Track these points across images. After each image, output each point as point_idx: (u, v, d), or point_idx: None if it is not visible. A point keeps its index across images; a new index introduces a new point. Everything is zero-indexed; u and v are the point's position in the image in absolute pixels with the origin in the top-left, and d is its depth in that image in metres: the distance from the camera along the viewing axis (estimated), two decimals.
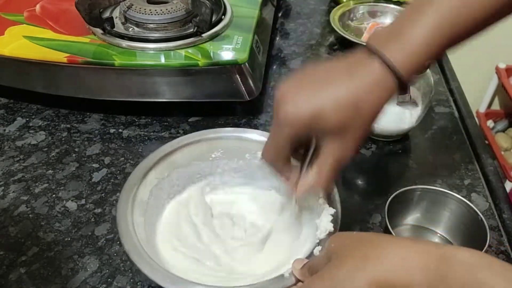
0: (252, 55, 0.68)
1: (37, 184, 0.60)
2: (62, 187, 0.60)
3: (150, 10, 0.69)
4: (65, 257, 0.52)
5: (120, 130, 0.69)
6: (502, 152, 1.69)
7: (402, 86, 0.38)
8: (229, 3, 0.76)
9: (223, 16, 0.73)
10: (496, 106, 1.87)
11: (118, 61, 0.64)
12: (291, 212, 0.49)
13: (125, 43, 0.67)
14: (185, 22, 0.71)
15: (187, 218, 0.53)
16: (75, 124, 0.70)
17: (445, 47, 0.39)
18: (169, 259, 0.48)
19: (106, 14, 0.71)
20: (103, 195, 0.59)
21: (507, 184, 1.59)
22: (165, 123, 0.70)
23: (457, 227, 0.52)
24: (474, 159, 0.65)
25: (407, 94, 0.61)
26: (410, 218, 0.55)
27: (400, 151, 0.67)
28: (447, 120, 0.72)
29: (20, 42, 0.68)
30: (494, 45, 1.65)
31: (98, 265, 0.51)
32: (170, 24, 0.69)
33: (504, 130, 1.82)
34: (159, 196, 0.52)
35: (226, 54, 0.66)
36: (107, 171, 0.62)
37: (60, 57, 0.65)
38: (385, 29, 0.40)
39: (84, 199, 0.58)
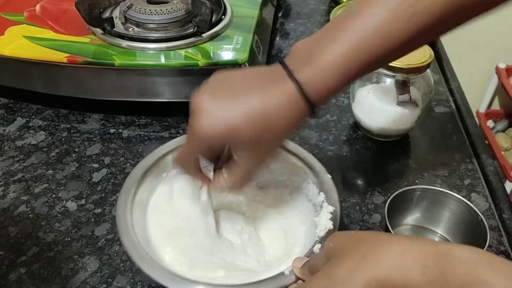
0: (252, 55, 0.68)
1: (37, 184, 0.60)
2: (62, 187, 0.60)
3: (150, 10, 0.69)
4: (65, 257, 0.52)
5: (120, 130, 0.69)
6: (502, 152, 1.69)
7: (313, 109, 0.39)
8: (229, 3, 0.76)
9: (223, 16, 0.73)
10: (496, 106, 1.88)
11: (118, 61, 0.64)
12: (202, 207, 0.51)
13: (125, 43, 0.67)
14: (185, 22, 0.71)
15: (185, 216, 0.53)
16: (75, 124, 0.70)
17: (360, 72, 0.38)
18: (167, 257, 0.47)
19: (106, 14, 0.71)
20: (103, 195, 0.59)
21: (507, 184, 1.59)
22: (165, 123, 0.70)
23: (457, 227, 0.52)
24: (474, 159, 0.65)
25: (407, 94, 0.62)
26: (410, 218, 0.55)
27: (400, 151, 0.67)
28: (447, 120, 0.72)
29: (20, 42, 0.68)
30: (494, 45, 1.66)
31: (98, 265, 0.51)
32: (170, 24, 0.69)
33: (504, 130, 1.82)
34: (158, 195, 0.52)
35: (226, 54, 0.66)
36: (107, 171, 0.62)
37: (60, 57, 0.65)
38: (304, 46, 0.39)
39: (84, 199, 0.58)
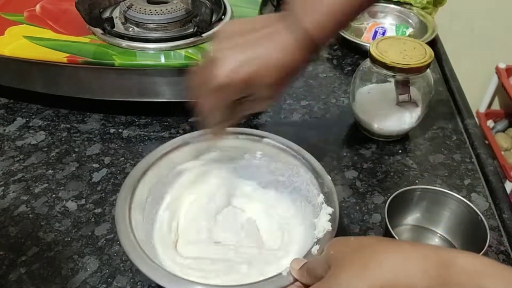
0: None
1: (37, 184, 0.60)
2: (62, 187, 0.60)
3: (150, 10, 0.69)
4: (65, 257, 0.52)
5: (120, 130, 0.69)
6: (502, 152, 1.69)
7: (314, 52, 0.44)
8: (229, 3, 0.76)
9: (223, 16, 0.73)
10: (496, 106, 1.87)
11: (118, 61, 0.64)
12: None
13: (125, 43, 0.67)
14: (185, 22, 0.71)
15: (185, 216, 0.53)
16: (75, 124, 0.70)
17: (353, 13, 0.45)
18: (167, 257, 0.48)
19: (106, 14, 0.71)
20: (103, 195, 0.59)
21: (507, 184, 1.59)
22: (165, 123, 0.70)
23: (457, 227, 0.52)
24: (474, 159, 0.65)
25: (407, 94, 0.62)
26: (410, 218, 0.55)
27: (400, 151, 0.67)
28: (447, 120, 0.72)
29: (20, 42, 0.68)
30: (494, 45, 1.66)
31: (98, 265, 0.51)
32: (170, 24, 0.70)
33: (504, 130, 1.82)
34: (158, 194, 0.52)
35: None
36: (107, 171, 0.62)
37: (60, 57, 0.65)
38: None
39: (84, 199, 0.58)
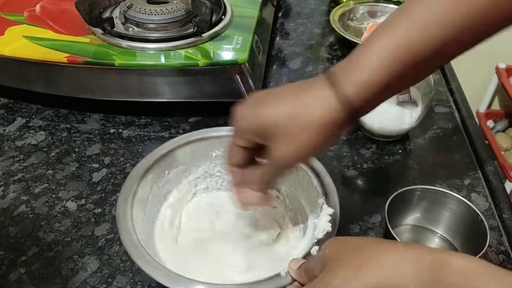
0: (252, 55, 0.68)
1: (37, 184, 0.60)
2: (62, 187, 0.60)
3: (150, 10, 0.69)
4: (65, 257, 0.52)
5: (120, 130, 0.69)
6: (502, 152, 1.69)
7: (352, 115, 0.38)
8: (229, 3, 0.76)
9: (223, 16, 0.73)
10: (496, 106, 1.87)
11: (118, 61, 0.64)
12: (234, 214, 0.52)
13: (125, 43, 0.67)
14: (185, 22, 0.71)
15: (182, 218, 0.53)
16: (75, 124, 0.70)
17: (401, 77, 0.37)
18: (167, 256, 0.48)
19: (106, 14, 0.71)
20: (103, 195, 0.59)
21: (507, 184, 1.59)
22: (165, 123, 0.70)
23: (457, 227, 0.52)
24: (474, 159, 0.65)
25: (407, 94, 0.62)
26: (410, 218, 0.55)
27: (400, 151, 0.67)
28: (447, 120, 0.72)
29: (20, 42, 0.68)
30: (494, 45, 1.64)
31: (98, 265, 0.51)
32: (170, 24, 0.69)
33: (504, 130, 1.82)
34: (159, 193, 0.52)
35: (226, 54, 0.66)
36: (107, 171, 0.62)
37: (60, 57, 0.65)
38: (347, 59, 0.39)
39: (84, 199, 0.58)
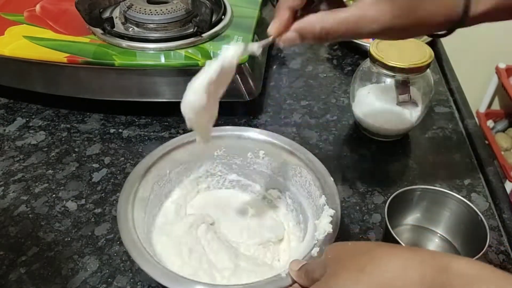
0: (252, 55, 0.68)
1: (37, 184, 0.60)
2: (62, 187, 0.60)
3: (150, 10, 0.69)
4: (65, 257, 0.52)
5: (120, 130, 0.69)
6: (502, 152, 1.69)
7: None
8: (229, 3, 0.76)
9: (223, 16, 0.73)
10: (496, 106, 1.87)
11: (118, 61, 0.64)
12: None
13: (125, 43, 0.67)
14: (185, 22, 0.71)
15: (186, 216, 0.53)
16: (75, 124, 0.70)
17: None
18: (167, 256, 0.48)
19: (106, 14, 0.71)
20: (103, 195, 0.59)
21: (507, 184, 1.58)
22: (165, 123, 0.70)
23: (457, 227, 0.52)
24: (474, 159, 0.65)
25: (407, 94, 0.62)
26: (410, 218, 0.55)
27: (400, 151, 0.67)
28: (447, 120, 0.72)
29: (20, 42, 0.68)
30: (494, 45, 1.65)
31: (98, 265, 0.51)
32: (170, 24, 0.69)
33: (504, 130, 1.82)
34: (160, 193, 0.52)
35: None
36: (107, 171, 0.62)
37: (60, 57, 0.65)
38: None
39: (84, 199, 0.58)
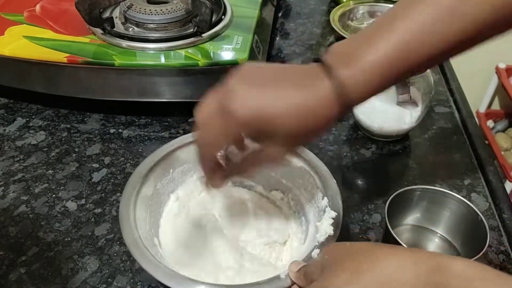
0: (252, 55, 0.68)
1: (37, 184, 0.60)
2: (62, 187, 0.60)
3: (150, 10, 0.69)
4: (65, 257, 0.52)
5: (120, 130, 0.69)
6: (502, 152, 1.69)
7: (346, 109, 0.37)
8: (229, 3, 0.76)
9: (223, 16, 0.73)
10: (496, 106, 1.87)
11: (118, 61, 0.64)
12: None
13: (125, 43, 0.67)
14: (185, 22, 0.71)
15: (189, 215, 0.53)
16: (75, 124, 0.70)
17: (400, 75, 0.37)
18: (171, 256, 0.48)
19: (106, 14, 0.71)
20: (103, 195, 0.59)
21: (507, 184, 1.59)
22: (165, 123, 0.70)
23: (457, 227, 0.52)
24: (474, 159, 0.65)
25: (407, 94, 0.62)
26: (410, 218, 0.55)
27: (400, 151, 0.67)
28: (447, 120, 0.72)
29: (20, 42, 0.68)
30: (494, 45, 1.64)
31: (98, 265, 0.51)
32: (170, 24, 0.69)
33: (504, 130, 1.82)
34: (163, 192, 0.52)
35: (226, 54, 0.66)
36: (107, 171, 0.62)
37: (60, 57, 0.65)
38: (342, 47, 0.38)
39: (84, 199, 0.58)
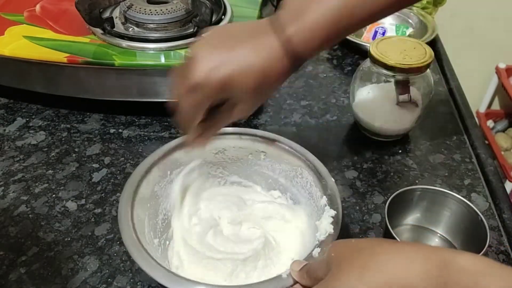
0: None
1: (37, 184, 0.60)
2: (62, 187, 0.60)
3: (150, 10, 0.69)
4: (65, 257, 0.52)
5: (120, 130, 0.69)
6: (502, 152, 1.69)
7: (299, 62, 0.42)
8: (229, 3, 0.76)
9: (223, 16, 0.73)
10: (496, 106, 1.87)
11: (118, 61, 0.64)
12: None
13: (125, 43, 0.67)
14: (185, 22, 0.71)
15: (189, 217, 0.53)
16: (75, 124, 0.70)
17: (341, 32, 0.42)
18: (171, 257, 0.48)
19: (106, 14, 0.71)
20: (103, 195, 0.59)
21: (507, 184, 1.59)
22: (165, 123, 0.70)
23: (457, 227, 0.52)
24: (474, 159, 0.65)
25: (407, 94, 0.62)
26: (410, 218, 0.55)
27: (400, 151, 0.67)
28: (447, 120, 0.72)
29: (20, 42, 0.68)
30: (494, 45, 1.66)
31: (98, 265, 0.51)
32: (170, 24, 0.69)
33: (504, 130, 1.82)
34: (161, 193, 0.52)
35: None
36: (107, 171, 0.62)
37: (60, 57, 0.65)
38: (295, 3, 0.42)
39: (84, 199, 0.58)
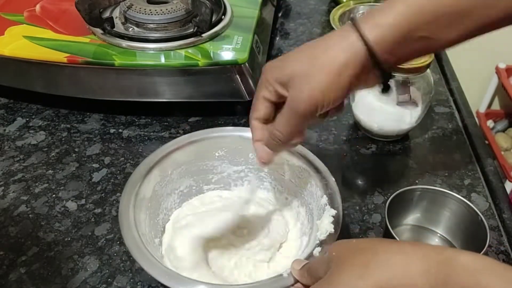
0: (252, 55, 0.68)
1: (37, 184, 0.60)
2: (62, 187, 0.60)
3: (150, 10, 0.69)
4: (65, 257, 0.52)
5: (120, 130, 0.69)
6: (502, 152, 1.69)
7: (371, 60, 0.39)
8: (229, 3, 0.76)
9: (223, 16, 0.73)
10: (496, 106, 1.87)
11: (118, 61, 0.64)
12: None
13: (125, 43, 0.67)
14: (185, 22, 0.71)
15: (189, 217, 0.53)
16: (75, 124, 0.70)
17: (414, 33, 0.40)
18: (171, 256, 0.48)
19: (106, 14, 0.71)
20: (103, 195, 0.59)
21: (507, 184, 1.59)
22: (165, 123, 0.70)
23: (457, 227, 0.52)
24: (474, 159, 0.65)
25: (407, 94, 0.62)
26: (410, 218, 0.55)
27: (400, 151, 0.67)
28: (447, 120, 0.72)
29: (20, 42, 0.68)
30: (494, 45, 1.65)
31: (98, 265, 0.51)
32: (170, 24, 0.69)
33: (504, 130, 1.82)
34: (162, 193, 0.52)
35: (226, 54, 0.66)
36: (107, 171, 0.62)
37: (60, 57, 0.65)
38: (369, 11, 0.42)
39: (84, 199, 0.58)
